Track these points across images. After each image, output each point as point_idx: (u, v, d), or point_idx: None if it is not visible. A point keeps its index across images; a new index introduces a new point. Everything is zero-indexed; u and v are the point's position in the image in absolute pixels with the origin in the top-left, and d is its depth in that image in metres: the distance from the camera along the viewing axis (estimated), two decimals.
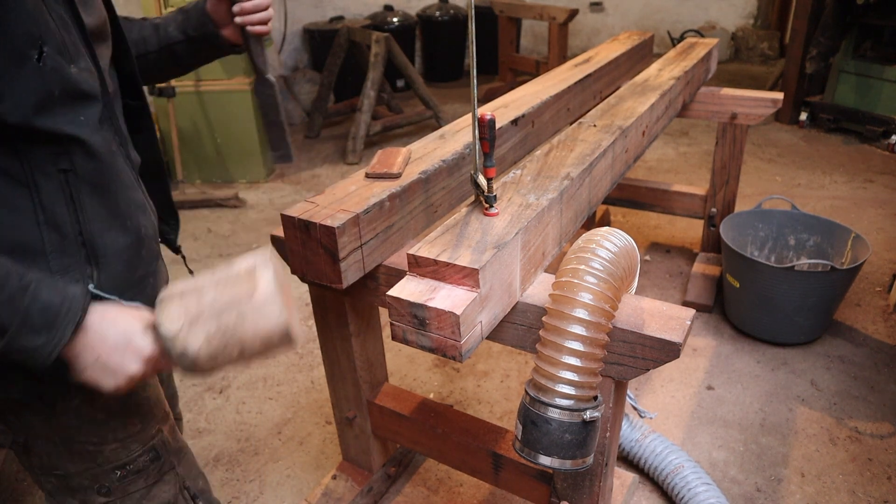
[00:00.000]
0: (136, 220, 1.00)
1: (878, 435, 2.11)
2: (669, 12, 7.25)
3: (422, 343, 1.02)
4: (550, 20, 5.04)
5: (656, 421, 2.18)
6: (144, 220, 1.03)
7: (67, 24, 0.89)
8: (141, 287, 1.01)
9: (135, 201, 1.01)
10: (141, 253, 1.00)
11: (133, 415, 1.05)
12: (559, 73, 2.28)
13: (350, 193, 1.29)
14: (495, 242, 1.06)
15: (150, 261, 1.03)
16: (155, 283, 1.05)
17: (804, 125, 4.91)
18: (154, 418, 1.09)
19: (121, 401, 1.02)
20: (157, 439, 1.09)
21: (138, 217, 1.00)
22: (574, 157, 1.42)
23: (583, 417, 1.05)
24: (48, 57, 0.83)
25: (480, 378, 2.42)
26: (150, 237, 1.04)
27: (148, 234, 1.03)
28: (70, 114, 0.88)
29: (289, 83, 5.64)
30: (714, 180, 2.82)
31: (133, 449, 1.05)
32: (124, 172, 0.99)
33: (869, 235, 3.28)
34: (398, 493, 1.94)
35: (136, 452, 1.06)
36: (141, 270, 1.01)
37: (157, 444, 1.09)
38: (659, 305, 1.16)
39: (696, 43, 2.85)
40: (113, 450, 1.03)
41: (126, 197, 0.98)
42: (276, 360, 2.57)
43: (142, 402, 1.07)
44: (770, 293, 2.39)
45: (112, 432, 1.03)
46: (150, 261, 1.04)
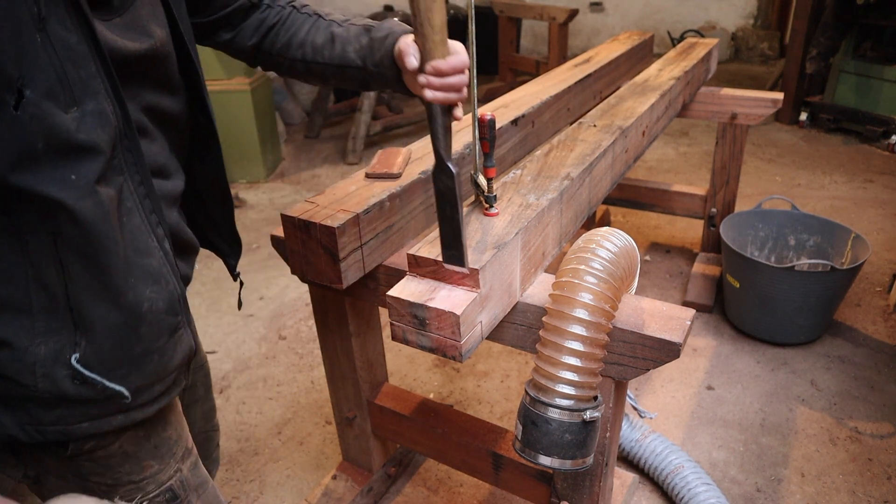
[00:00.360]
0: (137, 295, 0.85)
1: (878, 435, 2.11)
2: (669, 12, 7.25)
3: (422, 343, 1.02)
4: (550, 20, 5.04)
5: (656, 421, 2.17)
6: (153, 293, 0.88)
7: (77, 55, 0.74)
8: (139, 364, 0.89)
9: (143, 270, 0.86)
10: (139, 331, 0.87)
11: (150, 457, 0.98)
12: (559, 73, 2.28)
13: (350, 193, 1.29)
14: (495, 242, 1.06)
15: (154, 337, 0.89)
16: (162, 360, 0.91)
17: (804, 125, 4.91)
18: (173, 457, 1.02)
19: (136, 444, 0.96)
20: (174, 479, 1.02)
21: (142, 290, 0.86)
22: (574, 157, 1.42)
23: (583, 417, 1.05)
24: (29, 103, 0.70)
25: (480, 378, 2.42)
26: (157, 311, 0.88)
27: (155, 309, 0.88)
28: (57, 171, 0.74)
29: (289, 83, 5.64)
30: (714, 180, 2.82)
31: (149, 490, 0.99)
32: (135, 235, 0.85)
33: (869, 235, 3.28)
34: (398, 493, 1.94)
35: (152, 493, 1.00)
36: (139, 348, 0.88)
37: (175, 484, 1.02)
38: (659, 305, 1.16)
39: (696, 43, 2.85)
40: (128, 490, 0.98)
41: (126, 267, 0.83)
42: (276, 360, 2.57)
43: (161, 443, 1.00)
44: (770, 293, 2.39)
45: (127, 475, 0.97)
46: (156, 337, 0.90)
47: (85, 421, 0.88)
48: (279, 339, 2.69)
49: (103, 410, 0.89)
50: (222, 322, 2.80)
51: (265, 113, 4.33)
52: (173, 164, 0.99)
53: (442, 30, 0.89)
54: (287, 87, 5.59)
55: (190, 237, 1.05)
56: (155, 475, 1.00)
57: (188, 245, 1.05)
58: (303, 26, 1.13)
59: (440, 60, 0.91)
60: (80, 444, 0.92)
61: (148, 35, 0.86)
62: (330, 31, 1.12)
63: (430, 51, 0.90)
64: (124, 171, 0.82)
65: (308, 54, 1.13)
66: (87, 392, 0.85)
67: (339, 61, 1.12)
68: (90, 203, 0.77)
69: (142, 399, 0.91)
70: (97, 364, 0.85)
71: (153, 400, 0.93)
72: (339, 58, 1.11)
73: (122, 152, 0.81)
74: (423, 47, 0.91)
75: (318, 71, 1.14)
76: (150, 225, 0.87)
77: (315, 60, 1.13)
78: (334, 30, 1.12)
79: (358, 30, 1.11)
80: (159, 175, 0.94)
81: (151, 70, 0.88)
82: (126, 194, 0.83)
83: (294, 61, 1.14)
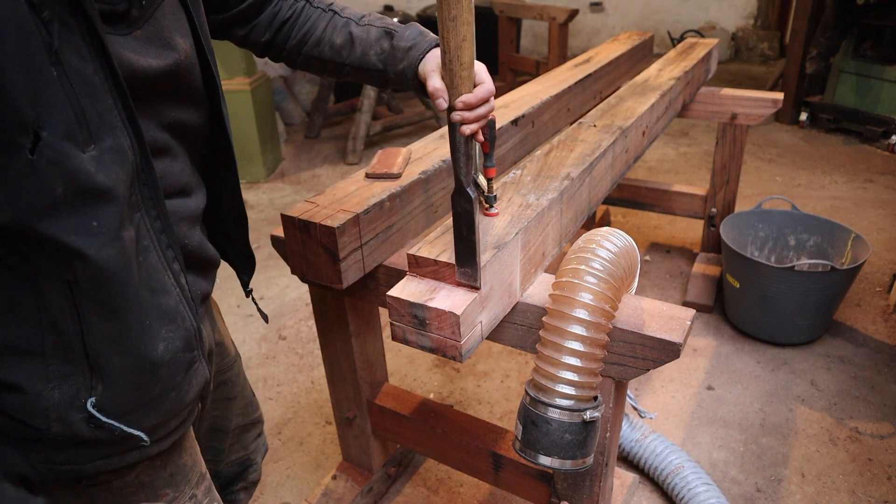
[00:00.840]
0: (155, 340, 0.83)
1: (878, 435, 2.11)
2: (669, 12, 7.25)
3: (422, 343, 1.02)
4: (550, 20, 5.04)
5: (656, 421, 2.17)
6: (169, 332, 0.85)
7: (94, 88, 0.68)
8: (157, 404, 0.87)
9: (159, 310, 0.83)
10: (157, 373, 0.85)
11: (166, 486, 0.97)
12: (559, 74, 2.28)
13: (350, 193, 1.29)
14: (495, 242, 1.06)
15: (171, 377, 0.87)
16: (179, 397, 0.89)
17: (804, 125, 4.91)
18: (188, 484, 1.01)
19: (153, 473, 0.95)
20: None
21: (157, 331, 0.83)
22: (574, 158, 1.42)
23: (583, 417, 1.05)
24: (46, 145, 0.64)
25: (480, 378, 2.42)
26: (174, 350, 0.86)
27: (171, 349, 0.85)
28: (78, 218, 0.70)
29: (289, 83, 5.64)
30: (714, 180, 2.82)
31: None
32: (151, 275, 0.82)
33: (869, 235, 3.28)
34: (398, 494, 1.94)
35: None
36: (157, 389, 0.86)
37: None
38: (659, 305, 1.16)
39: (696, 43, 2.85)
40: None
41: (142, 311, 0.81)
42: (276, 360, 2.57)
43: (177, 470, 0.98)
44: (770, 293, 2.39)
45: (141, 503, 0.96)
46: (172, 376, 0.87)
47: (99, 459, 0.86)
48: (279, 339, 2.69)
49: (118, 450, 0.87)
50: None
51: (265, 113, 4.33)
52: (195, 181, 0.97)
53: (470, 65, 0.89)
54: (287, 87, 5.59)
55: (212, 253, 1.03)
56: (170, 503, 0.98)
57: (210, 261, 1.03)
58: (319, 23, 1.11)
59: (469, 95, 0.90)
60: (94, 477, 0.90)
61: (172, 48, 0.82)
62: (349, 31, 1.10)
63: (458, 85, 0.90)
64: (140, 207, 0.78)
65: (326, 53, 1.11)
66: (103, 435, 0.84)
67: (359, 63, 1.11)
68: (113, 252, 0.74)
69: (157, 435, 0.90)
70: (114, 408, 0.82)
71: (169, 434, 0.92)
72: (359, 60, 1.10)
73: (140, 187, 0.77)
74: (450, 82, 0.91)
75: (334, 69, 1.13)
76: (167, 261, 0.84)
77: (333, 60, 1.12)
78: (353, 30, 1.10)
79: (378, 32, 1.09)
80: (182, 194, 0.92)
81: (175, 85, 0.85)
82: (143, 232, 0.79)
83: (310, 58, 1.13)
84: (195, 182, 0.97)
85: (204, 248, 1.00)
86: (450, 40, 0.86)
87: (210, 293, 1.07)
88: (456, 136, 0.93)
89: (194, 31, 0.88)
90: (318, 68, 1.14)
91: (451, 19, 0.83)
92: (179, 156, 0.91)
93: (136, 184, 0.77)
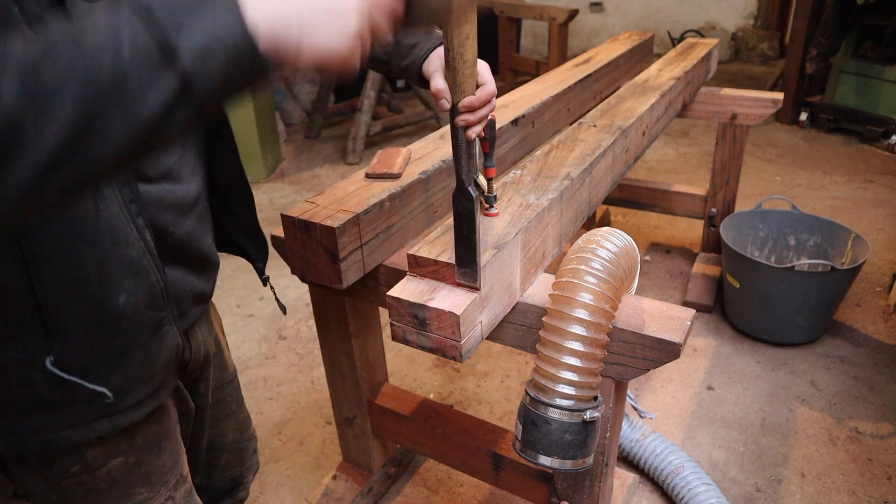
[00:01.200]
0: (114, 285, 0.81)
1: (878, 435, 2.10)
2: (669, 12, 7.25)
3: (422, 343, 1.02)
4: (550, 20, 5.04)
5: (656, 421, 2.17)
6: (131, 284, 0.83)
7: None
8: (120, 362, 0.85)
9: (121, 260, 0.81)
10: (118, 326, 0.83)
11: (139, 484, 0.97)
12: (559, 74, 2.28)
13: (350, 193, 1.29)
14: (495, 243, 1.06)
15: (135, 333, 0.85)
16: (147, 358, 0.88)
17: (804, 125, 4.91)
18: (165, 485, 1.00)
19: (126, 471, 0.94)
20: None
21: (119, 280, 0.82)
22: (574, 158, 1.42)
23: (583, 417, 1.05)
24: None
25: (480, 378, 2.42)
26: (136, 304, 0.84)
27: (134, 302, 0.84)
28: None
29: (289, 83, 5.63)
30: (714, 180, 2.82)
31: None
32: (113, 225, 0.80)
33: (869, 235, 3.28)
34: (398, 494, 1.94)
35: None
36: (119, 345, 0.84)
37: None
38: (659, 305, 1.16)
39: (696, 43, 2.85)
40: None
41: (101, 258, 0.79)
42: (276, 360, 2.57)
43: (153, 470, 0.98)
44: (770, 293, 2.39)
45: (113, 500, 0.95)
46: (137, 333, 0.86)
47: (67, 428, 0.85)
48: (279, 339, 2.69)
49: (85, 416, 0.85)
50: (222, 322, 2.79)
51: (265, 113, 4.33)
52: (186, 167, 0.95)
53: (473, 64, 0.89)
54: (287, 87, 5.59)
55: (208, 249, 1.02)
56: (143, 503, 0.98)
57: (206, 257, 1.02)
58: None
59: (472, 97, 0.91)
60: (65, 464, 0.90)
61: None
62: None
63: (461, 83, 0.90)
64: None
65: None
66: (66, 395, 0.83)
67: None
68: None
69: (126, 402, 0.89)
70: (74, 364, 0.81)
71: (139, 403, 0.91)
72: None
73: None
74: (453, 81, 0.90)
75: None
76: (130, 215, 0.82)
77: None
78: None
79: None
80: (167, 179, 0.91)
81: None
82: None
83: None
84: (187, 170, 0.95)
85: (196, 242, 0.98)
86: (453, 39, 0.86)
87: (206, 295, 1.06)
88: (458, 136, 0.93)
89: None
90: None
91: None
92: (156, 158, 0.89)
93: None
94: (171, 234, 0.92)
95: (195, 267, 1.00)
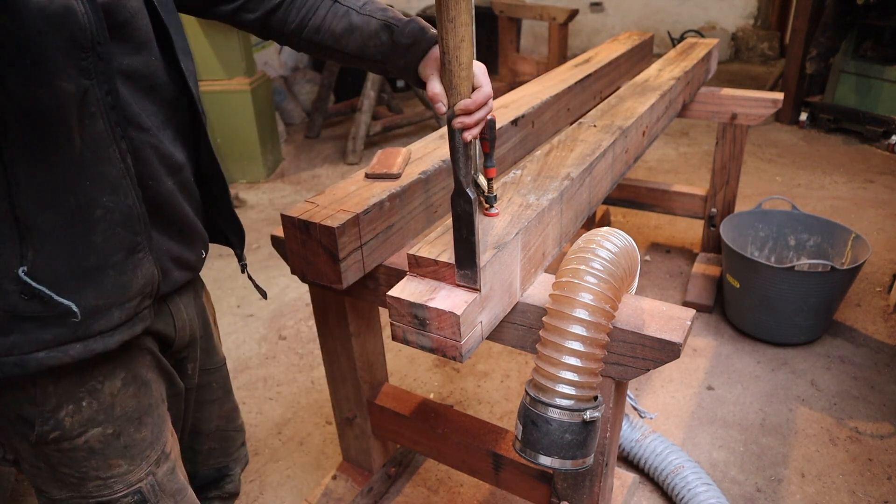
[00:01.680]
0: (91, 199, 0.83)
1: (878, 435, 2.11)
2: (669, 12, 7.25)
3: (422, 343, 1.02)
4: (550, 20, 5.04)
5: (656, 421, 2.17)
6: (109, 202, 0.85)
7: None
8: (92, 278, 0.86)
9: (101, 175, 0.84)
10: (91, 238, 0.85)
11: (119, 456, 0.99)
12: (559, 74, 2.28)
13: (350, 193, 1.29)
14: (495, 243, 1.06)
15: (109, 251, 0.87)
16: (120, 279, 0.89)
17: (804, 125, 4.91)
18: (146, 460, 1.02)
19: (104, 441, 0.97)
20: (145, 482, 1.02)
21: (96, 195, 0.84)
22: (574, 158, 1.42)
23: (583, 417, 1.05)
24: None
25: (480, 378, 2.42)
26: (112, 222, 0.86)
27: (109, 219, 0.86)
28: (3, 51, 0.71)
29: (289, 83, 5.64)
30: (714, 180, 2.82)
31: (117, 489, 0.99)
32: (96, 141, 0.82)
33: (869, 235, 3.28)
34: (398, 494, 1.94)
35: (120, 493, 1.00)
36: (92, 259, 0.86)
37: (145, 487, 1.02)
38: (659, 306, 1.16)
39: (696, 43, 2.85)
40: (95, 486, 0.99)
41: (80, 168, 0.81)
42: (276, 360, 2.57)
43: (132, 443, 1.00)
44: (770, 293, 2.39)
45: (94, 470, 0.97)
46: (111, 251, 0.87)
47: (41, 349, 0.86)
48: (279, 339, 2.69)
49: (58, 336, 0.86)
50: (222, 322, 2.80)
51: (265, 113, 4.33)
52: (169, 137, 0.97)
53: (469, 66, 0.89)
54: (287, 87, 5.59)
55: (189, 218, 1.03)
56: (123, 475, 1.00)
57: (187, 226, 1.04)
58: (318, 9, 1.10)
59: (468, 101, 0.91)
60: (44, 430, 0.92)
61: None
62: (349, 21, 1.09)
63: (457, 86, 0.90)
64: (93, 76, 0.79)
65: (326, 40, 1.11)
66: (36, 308, 0.84)
67: (358, 53, 1.10)
68: (45, 95, 0.75)
69: (99, 325, 0.89)
70: (46, 275, 0.82)
71: (112, 329, 0.91)
72: (358, 50, 1.10)
73: (94, 58, 0.78)
74: (449, 83, 0.91)
75: (334, 56, 1.14)
76: (114, 136, 0.84)
77: (333, 48, 1.11)
78: (353, 19, 1.09)
79: (378, 25, 1.08)
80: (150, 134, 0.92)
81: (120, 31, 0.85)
82: (91, 99, 0.80)
83: (310, 44, 1.13)
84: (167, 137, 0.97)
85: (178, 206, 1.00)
86: (448, 41, 0.86)
87: (188, 262, 1.06)
88: (456, 139, 0.94)
89: None
90: (318, 53, 1.15)
91: (450, 20, 0.84)
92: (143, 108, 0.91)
93: (90, 52, 0.78)
94: (151, 187, 0.93)
95: (175, 229, 1.02)
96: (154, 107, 0.94)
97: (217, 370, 1.30)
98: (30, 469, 0.99)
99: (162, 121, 0.96)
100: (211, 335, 1.26)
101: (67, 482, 0.98)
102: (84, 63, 0.78)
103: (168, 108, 0.98)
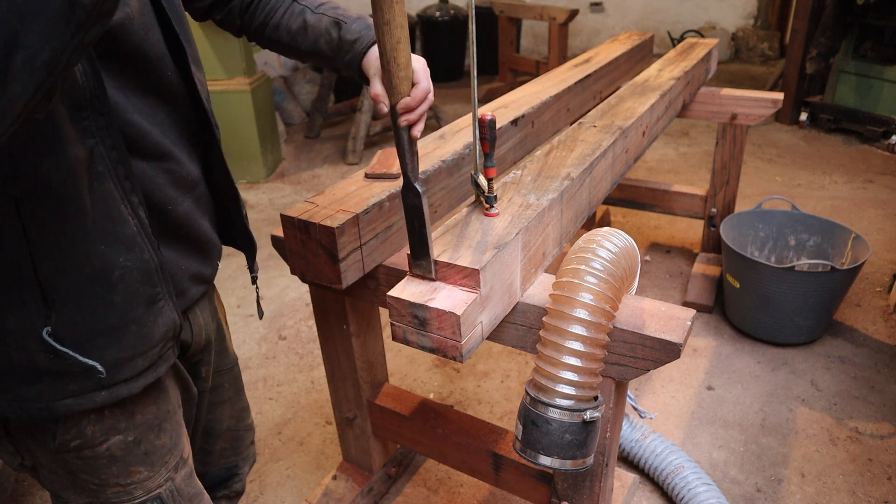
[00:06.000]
0: (108, 262, 0.84)
1: (878, 435, 2.11)
2: (669, 12, 7.25)
3: (422, 343, 1.02)
4: (550, 20, 5.04)
5: (656, 421, 2.17)
6: (126, 261, 0.86)
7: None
8: (116, 336, 0.88)
9: (115, 237, 0.85)
10: (111, 299, 0.86)
11: (139, 463, 0.99)
12: (559, 74, 2.28)
13: (350, 194, 1.29)
14: (496, 243, 1.06)
15: (129, 307, 0.88)
16: (141, 332, 0.90)
17: (804, 125, 4.91)
18: (164, 466, 1.03)
19: (125, 449, 0.97)
20: (164, 488, 1.03)
21: (113, 257, 0.85)
22: (574, 158, 1.42)
23: (583, 418, 1.05)
24: None
25: (480, 378, 2.42)
26: (131, 280, 0.87)
27: (128, 278, 0.87)
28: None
29: (289, 83, 5.64)
30: (714, 180, 2.82)
31: (136, 495, 1.00)
32: (107, 202, 0.83)
33: (869, 235, 3.28)
34: (398, 494, 1.94)
35: (139, 499, 1.00)
36: (114, 319, 0.87)
37: (164, 492, 1.03)
38: (659, 306, 1.16)
39: (696, 43, 2.85)
40: (115, 492, 0.99)
41: (95, 233, 0.82)
42: (276, 360, 2.57)
43: (152, 450, 1.01)
44: (770, 293, 2.39)
45: (114, 477, 0.98)
46: (131, 307, 0.88)
47: (67, 397, 0.87)
48: (279, 339, 2.69)
49: (83, 387, 0.88)
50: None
51: (265, 113, 4.33)
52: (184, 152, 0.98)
53: (407, 66, 0.92)
54: (287, 87, 5.59)
55: (206, 232, 1.05)
56: (143, 481, 1.00)
57: (205, 240, 1.05)
58: (279, 8, 1.15)
59: (408, 99, 0.94)
60: (65, 438, 0.92)
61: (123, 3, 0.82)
62: (303, 19, 1.14)
63: (397, 86, 0.93)
64: (95, 134, 0.80)
65: (284, 38, 1.16)
66: (62, 366, 0.85)
67: (312, 50, 1.15)
68: (54, 166, 0.76)
69: (123, 374, 0.91)
70: (69, 337, 0.84)
71: (137, 375, 0.92)
72: (311, 47, 1.15)
73: (93, 115, 0.79)
74: (389, 84, 0.93)
75: (291, 52, 1.18)
76: (124, 192, 0.85)
77: (290, 45, 1.16)
78: (307, 17, 1.14)
79: (329, 22, 1.13)
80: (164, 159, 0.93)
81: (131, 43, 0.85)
82: (97, 158, 0.81)
83: (272, 41, 1.18)
84: (183, 153, 0.98)
85: (196, 223, 1.02)
86: (385, 43, 0.88)
87: (205, 276, 1.08)
88: (402, 136, 0.96)
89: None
90: (279, 50, 1.19)
91: (385, 23, 0.85)
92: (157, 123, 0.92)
93: (90, 110, 0.79)
94: (170, 212, 0.95)
95: (193, 247, 1.03)
96: (169, 120, 0.95)
97: (229, 370, 1.30)
98: (48, 475, 0.98)
99: (177, 134, 0.97)
100: (224, 336, 1.27)
101: (87, 488, 0.98)
102: (85, 123, 0.79)
103: (182, 120, 0.99)
